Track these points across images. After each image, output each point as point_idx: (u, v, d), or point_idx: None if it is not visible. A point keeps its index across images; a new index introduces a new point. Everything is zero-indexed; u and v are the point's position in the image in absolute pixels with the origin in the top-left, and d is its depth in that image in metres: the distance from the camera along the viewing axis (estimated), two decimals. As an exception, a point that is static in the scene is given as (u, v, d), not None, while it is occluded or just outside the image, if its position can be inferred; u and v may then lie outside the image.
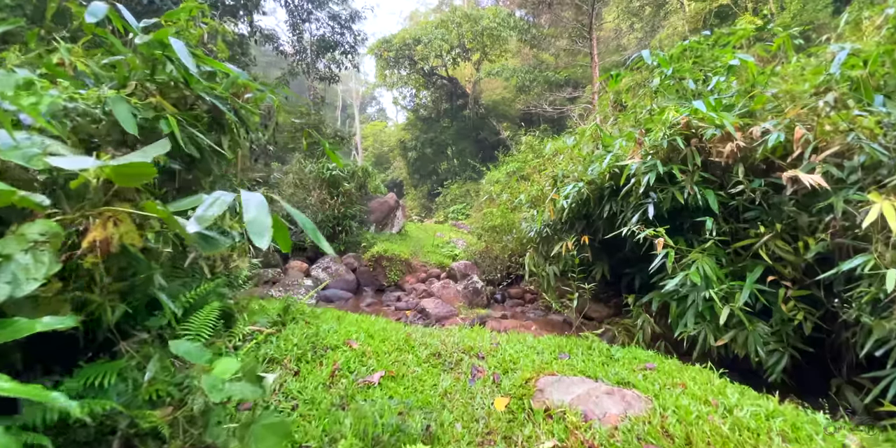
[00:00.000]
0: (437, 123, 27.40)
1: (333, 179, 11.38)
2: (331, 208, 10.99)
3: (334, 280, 8.26)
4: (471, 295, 7.51)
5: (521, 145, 19.91)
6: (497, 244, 9.20)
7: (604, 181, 5.41)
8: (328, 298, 7.51)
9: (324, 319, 3.93)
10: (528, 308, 7.38)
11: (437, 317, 6.00)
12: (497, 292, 8.30)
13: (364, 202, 12.34)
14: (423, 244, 11.36)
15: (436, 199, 26.05)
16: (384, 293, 8.54)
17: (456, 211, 23.62)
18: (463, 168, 26.46)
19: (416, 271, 9.17)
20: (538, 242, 6.71)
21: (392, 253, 8.96)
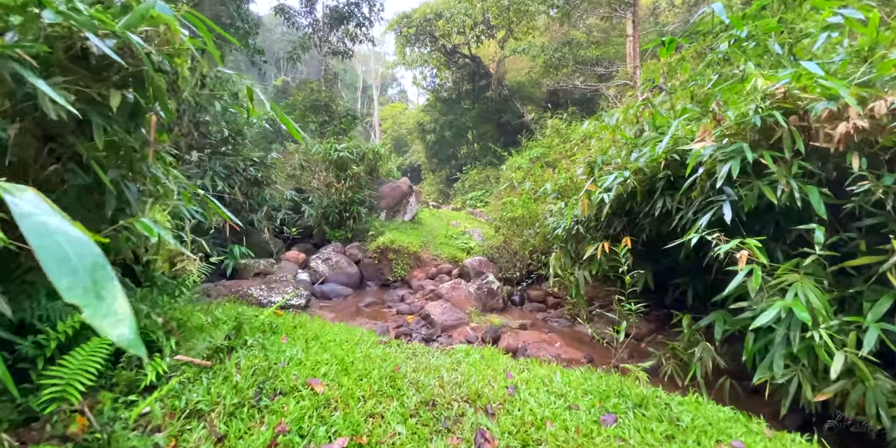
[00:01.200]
0: (458, 105, 26.11)
1: (341, 161, 10.51)
2: (338, 192, 10.16)
3: (334, 273, 7.46)
4: (485, 297, 6.59)
5: (547, 129, 18.62)
6: (517, 238, 8.20)
7: (656, 170, 4.33)
8: (325, 295, 6.71)
9: (293, 340, 3.06)
10: (551, 315, 6.41)
11: (444, 326, 5.11)
12: (515, 293, 7.35)
13: (375, 187, 11.46)
14: (436, 234, 10.44)
15: (454, 184, 25.03)
16: (388, 289, 7.71)
17: (474, 198, 22.59)
18: (483, 153, 25.28)
19: (426, 265, 8.28)
20: (566, 241, 5.69)
21: (400, 244, 8.09)
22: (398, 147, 39.89)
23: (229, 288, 5.36)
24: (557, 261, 5.59)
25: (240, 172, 7.57)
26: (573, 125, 17.67)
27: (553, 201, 7.20)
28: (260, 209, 7.65)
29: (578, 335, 5.56)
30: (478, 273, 7.29)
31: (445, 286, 6.27)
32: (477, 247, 9.05)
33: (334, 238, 10.34)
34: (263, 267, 6.71)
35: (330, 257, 7.71)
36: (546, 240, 7.64)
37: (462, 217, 16.11)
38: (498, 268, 8.02)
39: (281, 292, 5.18)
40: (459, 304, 6.01)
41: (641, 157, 4.48)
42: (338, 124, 13.05)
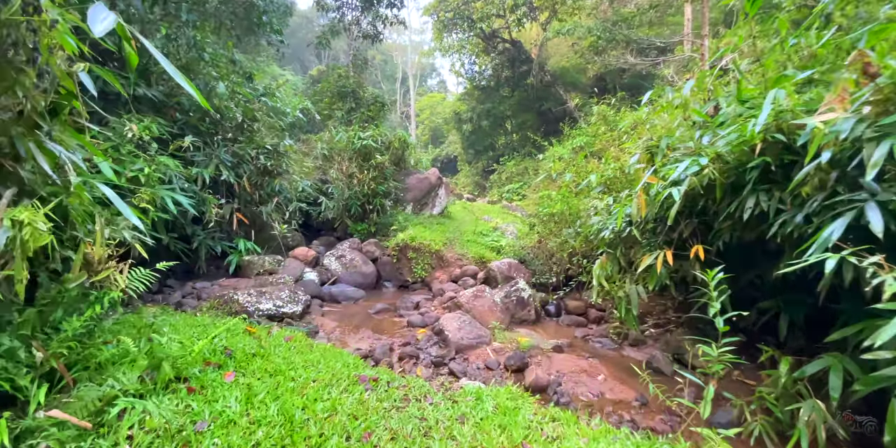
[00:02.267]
0: (497, 93, 24.83)
1: (365, 151, 9.80)
2: (360, 184, 9.48)
3: (348, 272, 6.76)
4: (513, 307, 5.65)
5: (592, 116, 17.12)
6: (554, 238, 7.15)
7: (745, 158, 3.22)
8: (333, 297, 6.01)
9: (243, 379, 2.29)
10: (593, 332, 5.38)
11: (459, 345, 4.24)
12: (550, 302, 6.35)
13: (401, 178, 10.70)
14: (464, 230, 9.54)
15: (490, 176, 23.96)
16: (406, 292, 6.92)
17: (511, 190, 21.45)
18: (522, 143, 24.00)
19: (449, 266, 7.42)
20: (614, 245, 4.63)
21: (420, 242, 7.27)
22: (435, 138, 39.07)
23: (219, 290, 4.76)
24: (602, 269, 4.55)
25: (249, 161, 7.00)
26: (622, 112, 16.12)
27: (598, 196, 6.10)
28: (270, 201, 7.07)
29: (627, 363, 4.52)
30: (506, 278, 6.34)
31: (466, 294, 5.38)
32: (508, 246, 8.07)
33: (356, 232, 9.71)
34: (269, 265, 6.11)
35: (344, 254, 7.02)
36: (588, 242, 6.55)
37: (496, 211, 15.10)
38: (531, 272, 7.02)
39: (273, 298, 4.49)
40: (482, 317, 5.11)
41: (725, 141, 3.36)
42: (364, 111, 12.36)
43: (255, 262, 6.03)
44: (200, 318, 3.48)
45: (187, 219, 5.67)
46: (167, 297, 4.79)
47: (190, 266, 6.16)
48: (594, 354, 4.67)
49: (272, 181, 7.01)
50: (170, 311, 3.77)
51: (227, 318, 3.68)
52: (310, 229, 10.62)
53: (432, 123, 37.89)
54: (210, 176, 6.20)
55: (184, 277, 6.02)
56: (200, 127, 6.59)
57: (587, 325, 5.82)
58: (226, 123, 7.42)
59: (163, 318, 3.19)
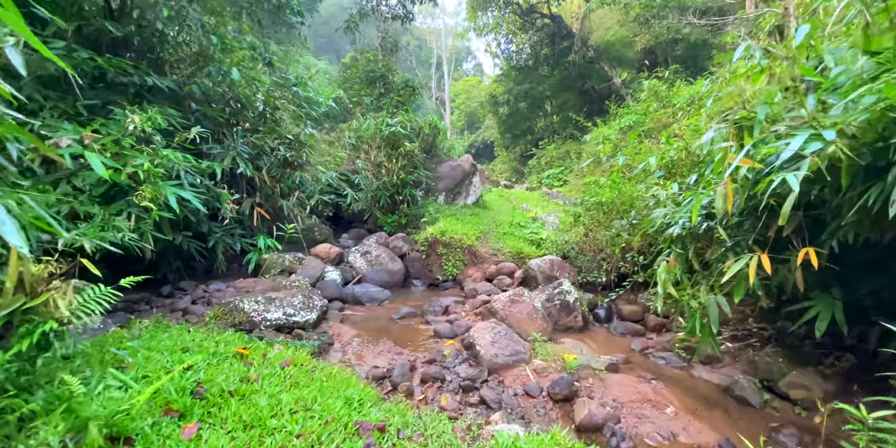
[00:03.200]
0: (535, 72, 23.42)
1: (393, 138, 9.21)
2: (388, 173, 8.92)
3: (373, 270, 6.25)
4: (557, 312, 4.92)
5: (642, 92, 15.62)
6: (603, 230, 6.28)
7: (885, 131, 2.29)
8: (357, 299, 5.52)
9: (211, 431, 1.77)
10: (653, 344, 4.57)
11: (493, 365, 3.59)
12: (600, 305, 5.55)
13: (432, 166, 10.05)
14: (500, 221, 8.80)
15: (528, 161, 22.83)
16: (436, 291, 6.33)
17: (551, 176, 20.28)
18: (563, 125, 22.60)
19: (484, 262, 6.75)
20: (684, 244, 3.77)
21: (451, 236, 6.62)
22: (471, 124, 37.98)
23: (230, 295, 4.35)
24: (670, 273, 3.71)
25: (269, 153, 6.59)
26: (676, 86, 14.55)
27: (659, 182, 5.16)
28: (291, 194, 6.65)
29: (701, 388, 3.71)
30: (548, 278, 5.58)
31: (502, 298, 4.69)
32: (549, 240, 7.26)
33: (386, 224, 9.21)
34: (289, 263, 5.69)
35: (370, 251, 6.51)
36: (646, 236, 5.65)
37: (535, 199, 14.16)
38: (576, 269, 6.21)
39: (283, 305, 4.02)
40: (519, 326, 4.43)
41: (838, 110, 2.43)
42: (394, 97, 11.73)
43: (274, 261, 5.63)
44: (193, 334, 3.04)
45: (200, 216, 5.32)
46: (177, 301, 4.46)
47: (210, 265, 5.87)
48: (657, 375, 3.88)
49: (293, 174, 6.57)
50: (164, 324, 3.37)
51: (224, 334, 3.23)
52: (340, 222, 10.26)
53: (468, 108, 36.82)
54: (226, 169, 5.83)
55: (203, 277, 5.74)
56: (220, 118, 6.22)
57: (645, 334, 5.00)
58: (247, 113, 7.05)
59: (143, 338, 2.76)
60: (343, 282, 5.90)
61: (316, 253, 6.23)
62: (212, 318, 3.70)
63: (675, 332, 4.86)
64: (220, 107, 6.65)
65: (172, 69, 6.37)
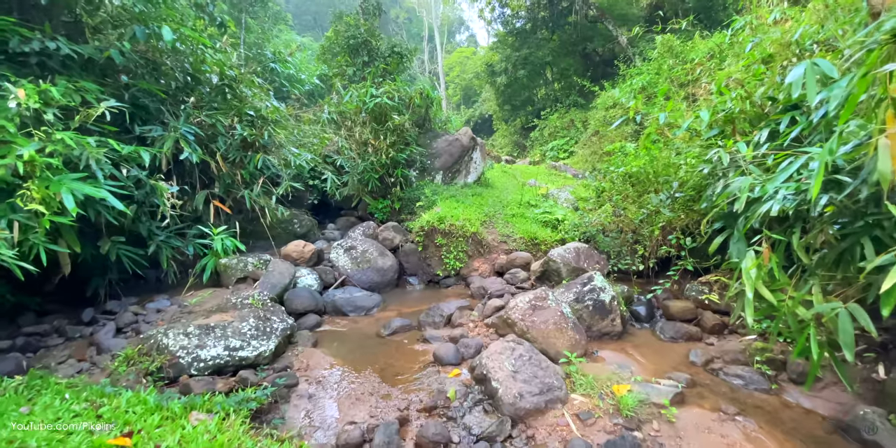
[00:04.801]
0: (533, 37, 21.64)
1: (379, 111, 7.98)
2: (376, 152, 7.75)
3: (360, 269, 5.19)
4: (589, 316, 3.87)
5: (654, 50, 14.11)
6: (636, 208, 5.15)
7: None
8: (339, 308, 4.47)
9: None
10: (717, 352, 3.51)
11: (517, 411, 2.54)
12: (638, 300, 4.50)
13: (426, 142, 8.85)
14: (507, 201, 7.66)
15: (530, 134, 21.44)
16: (436, 291, 5.27)
17: (555, 148, 18.99)
18: (566, 92, 21.08)
19: (491, 251, 5.66)
20: (790, 228, 2.64)
21: (452, 223, 5.51)
22: (467, 98, 36.17)
23: (170, 316, 3.31)
24: (761, 269, 2.59)
25: (225, 134, 5.43)
26: (694, 40, 13.06)
27: (717, 143, 3.98)
28: (255, 182, 5.51)
29: (806, 424, 2.66)
30: (573, 271, 4.49)
31: (520, 306, 3.61)
32: (567, 220, 6.13)
33: (377, 211, 8.12)
34: (253, 267, 4.62)
35: (355, 245, 5.42)
36: (692, 212, 4.51)
37: (541, 173, 12.96)
38: (604, 255, 5.12)
39: (226, 336, 2.96)
40: (546, 341, 3.37)
41: None
42: (380, 64, 10.38)
43: (233, 267, 4.56)
44: (63, 406, 2.00)
45: (134, 216, 4.22)
46: (99, 329, 3.42)
47: (161, 276, 4.83)
48: (740, 405, 2.83)
49: (254, 157, 5.41)
50: (40, 383, 2.32)
51: (125, 394, 2.19)
52: (327, 209, 9.16)
53: (463, 81, 34.97)
54: (169, 156, 4.70)
55: (151, 291, 4.70)
56: (160, 93, 5.04)
57: (702, 337, 3.94)
58: (202, 88, 5.85)
59: None
60: (322, 287, 4.85)
61: (287, 253, 5.13)
62: (122, 363, 2.66)
63: (743, 336, 3.80)
64: (166, 81, 5.48)
65: (96, 34, 5.15)
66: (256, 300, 3.59)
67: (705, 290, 4.34)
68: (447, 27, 45.97)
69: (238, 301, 3.56)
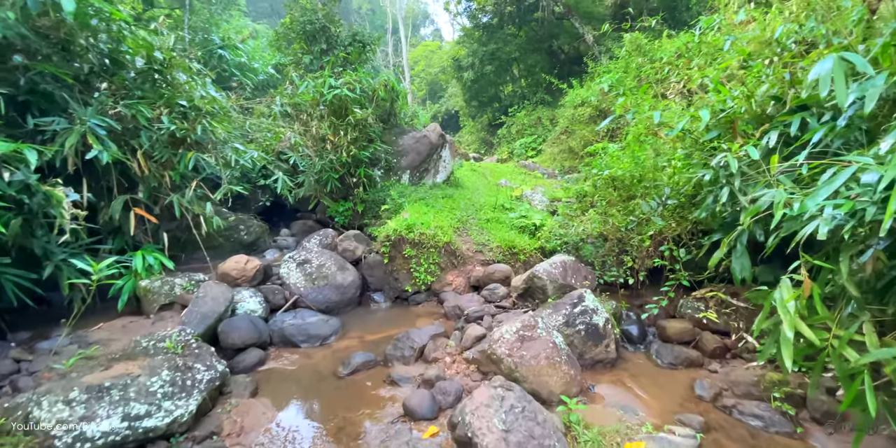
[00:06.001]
0: (500, 31, 21.23)
1: (339, 104, 7.20)
2: (335, 149, 6.98)
3: (315, 287, 4.47)
4: (581, 342, 3.39)
5: (621, 48, 13.99)
6: (622, 215, 4.73)
7: None
8: (287, 338, 3.75)
9: None
10: (724, 382, 3.12)
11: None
12: (628, 317, 4.08)
13: (392, 139, 8.15)
14: (480, 204, 7.13)
15: (498, 131, 21.10)
16: (405, 310, 4.64)
17: (524, 145, 18.76)
18: (533, 90, 20.85)
19: (466, 263, 5.09)
20: (838, 254, 2.21)
21: (422, 231, 4.89)
22: (433, 93, 35.42)
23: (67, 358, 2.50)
24: (799, 300, 2.15)
25: (149, 127, 4.53)
26: (661, 39, 13.00)
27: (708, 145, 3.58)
28: (187, 185, 4.65)
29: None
30: (560, 287, 4.00)
31: (507, 338, 3.05)
32: (546, 226, 5.65)
33: (337, 214, 7.37)
34: (180, 291, 3.80)
35: (310, 258, 4.68)
36: (683, 220, 4.13)
37: (511, 172, 12.55)
38: (591, 267, 4.67)
39: (127, 398, 2.21)
40: (538, 380, 2.84)
41: None
42: (340, 53, 9.52)
43: (156, 291, 3.72)
44: None
45: (28, 230, 3.34)
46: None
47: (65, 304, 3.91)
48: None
49: (185, 155, 4.54)
50: None
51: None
52: (282, 212, 8.30)
53: (429, 76, 34.21)
54: (68, 153, 3.80)
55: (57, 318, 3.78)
56: (66, 77, 4.09)
57: (703, 363, 3.55)
58: (125, 73, 4.89)
59: None
60: (267, 311, 4.09)
61: (225, 272, 4.31)
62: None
63: (748, 361, 3.44)
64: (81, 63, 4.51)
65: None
66: (174, 342, 2.81)
67: (701, 306, 3.97)
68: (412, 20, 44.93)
69: (151, 344, 2.78)
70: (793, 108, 3.23)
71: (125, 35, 4.83)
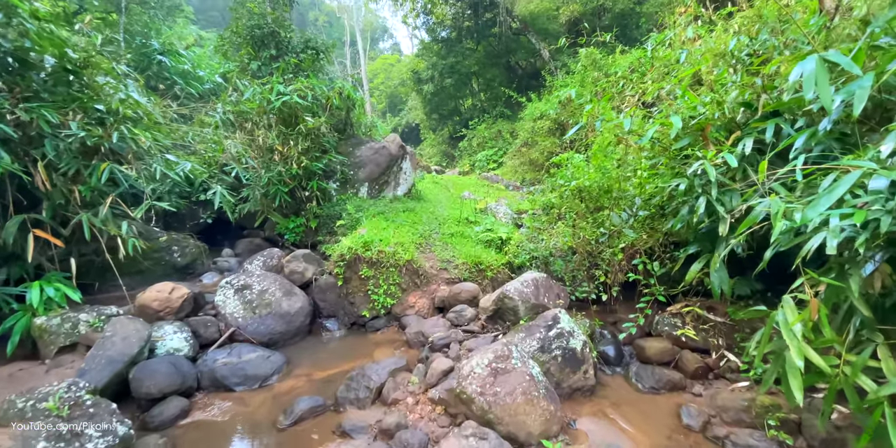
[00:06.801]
0: (459, 45, 21.39)
1: (289, 111, 6.68)
2: (284, 161, 6.43)
3: (256, 317, 3.88)
4: (558, 370, 3.05)
5: (577, 62, 14.32)
6: (591, 227, 4.50)
7: None
8: (219, 382, 3.15)
9: None
10: (710, 407, 2.86)
11: None
12: (602, 338, 3.80)
13: (348, 149, 7.68)
14: (444, 218, 6.77)
15: (459, 143, 21.06)
16: (362, 339, 4.14)
17: (485, 158, 18.77)
18: (493, 103, 21.05)
19: (430, 282, 4.67)
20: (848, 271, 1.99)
21: (382, 248, 4.44)
22: (393, 106, 35.17)
23: None
24: (806, 323, 1.91)
25: (56, 135, 3.85)
26: (615, 54, 13.40)
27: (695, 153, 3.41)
28: (102, 201, 3.97)
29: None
30: (533, 308, 3.66)
31: (477, 371, 2.65)
32: (513, 241, 5.35)
33: (288, 231, 6.76)
34: (86, 329, 3.14)
35: (250, 283, 4.09)
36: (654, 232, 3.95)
37: (474, 184, 12.34)
38: (562, 283, 4.39)
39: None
40: (513, 421, 2.46)
41: None
42: (292, 59, 9.00)
43: (55, 330, 3.04)
44: None
45: None
46: None
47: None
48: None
49: (98, 167, 3.88)
50: None
51: None
52: (227, 230, 7.58)
53: (388, 88, 34.01)
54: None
55: None
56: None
57: (685, 385, 3.30)
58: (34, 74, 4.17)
59: None
60: (196, 348, 3.47)
61: (144, 304, 3.64)
62: None
63: (732, 382, 3.22)
64: None
65: None
66: (60, 402, 2.17)
67: (678, 323, 3.75)
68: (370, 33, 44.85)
69: (28, 405, 2.14)
70: (765, 115, 3.12)
71: (28, 29, 4.15)
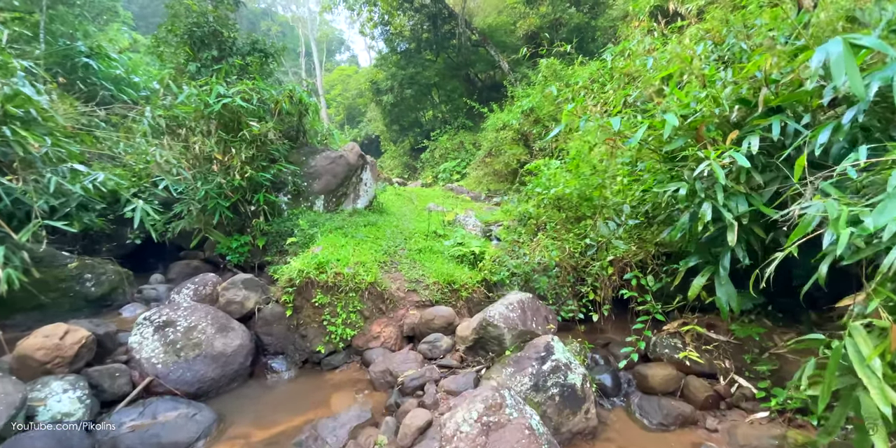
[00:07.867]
0: (419, 56, 21.16)
1: (231, 116, 5.91)
2: (226, 171, 5.65)
3: (179, 362, 3.10)
4: (557, 412, 2.52)
5: (538, 73, 14.38)
6: (574, 239, 4.08)
7: None
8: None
9: None
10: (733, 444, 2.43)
11: None
12: (594, 363, 3.34)
13: (301, 159, 6.96)
14: (410, 232, 6.18)
15: (420, 155, 20.66)
16: (317, 378, 3.45)
17: (448, 169, 18.46)
18: (454, 114, 20.88)
19: (397, 307, 4.04)
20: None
21: (339, 270, 3.78)
22: (351, 118, 34.38)
23: None
24: (884, 359, 1.49)
25: None
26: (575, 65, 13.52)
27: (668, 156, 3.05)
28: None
29: None
30: (521, 335, 3.13)
31: (464, 429, 2.07)
32: (487, 255, 4.84)
33: (230, 251, 5.93)
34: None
35: (175, 319, 3.31)
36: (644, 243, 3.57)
37: (439, 195, 11.86)
38: (542, 299, 3.90)
39: None
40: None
41: None
42: (236, 60, 8.22)
43: None
44: None
45: None
46: None
47: None
48: None
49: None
50: None
51: None
52: (161, 251, 6.60)
53: (346, 100, 33.25)
54: None
55: None
56: None
57: (697, 419, 2.86)
58: None
59: None
60: (96, 409, 2.65)
61: (24, 353, 2.73)
62: None
63: (749, 413, 2.82)
64: None
65: None
66: None
67: (678, 343, 3.35)
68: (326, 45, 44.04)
69: None
70: (765, 111, 2.83)
71: None
